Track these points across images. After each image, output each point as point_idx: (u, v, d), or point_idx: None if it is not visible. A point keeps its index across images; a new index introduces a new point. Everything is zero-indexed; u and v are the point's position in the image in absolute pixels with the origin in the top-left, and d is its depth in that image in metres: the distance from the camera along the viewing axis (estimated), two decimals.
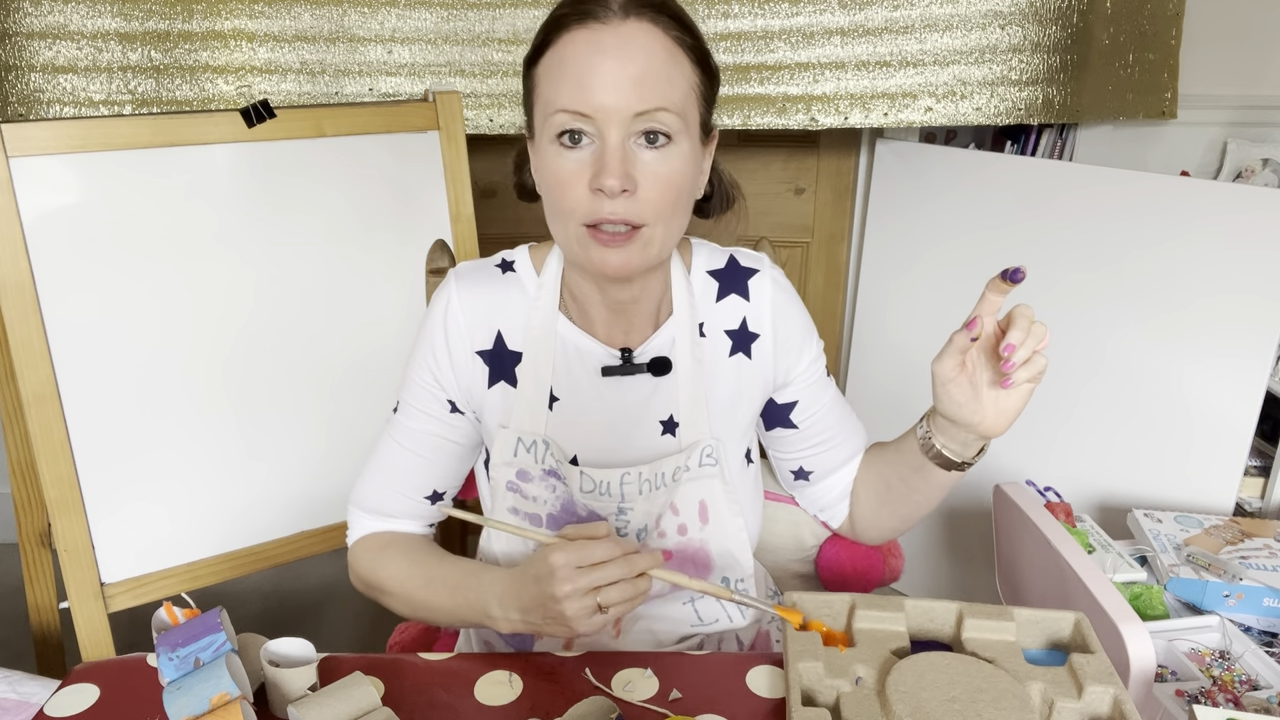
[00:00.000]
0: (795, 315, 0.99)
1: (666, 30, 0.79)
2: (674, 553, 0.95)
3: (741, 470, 0.98)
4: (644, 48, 0.78)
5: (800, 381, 1.00)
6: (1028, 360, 0.79)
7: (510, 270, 0.95)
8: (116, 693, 0.81)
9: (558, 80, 0.79)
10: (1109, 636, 1.15)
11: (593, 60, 0.77)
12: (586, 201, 0.80)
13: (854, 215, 2.28)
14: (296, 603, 2.17)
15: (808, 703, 0.76)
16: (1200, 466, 1.66)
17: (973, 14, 1.71)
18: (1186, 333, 1.65)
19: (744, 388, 0.97)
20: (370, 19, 1.72)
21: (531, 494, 0.92)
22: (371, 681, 0.79)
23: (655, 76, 0.78)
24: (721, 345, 0.96)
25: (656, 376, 0.93)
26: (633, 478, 0.91)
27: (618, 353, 0.93)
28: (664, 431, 0.94)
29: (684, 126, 0.81)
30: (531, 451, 0.92)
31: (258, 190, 1.39)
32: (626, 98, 0.77)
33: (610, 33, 0.77)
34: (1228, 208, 1.59)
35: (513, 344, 0.93)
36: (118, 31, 1.68)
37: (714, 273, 0.97)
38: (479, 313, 0.93)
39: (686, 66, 0.81)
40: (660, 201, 0.81)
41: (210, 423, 1.40)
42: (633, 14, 0.78)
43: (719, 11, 1.72)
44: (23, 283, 1.24)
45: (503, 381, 0.93)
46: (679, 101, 0.80)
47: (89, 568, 1.33)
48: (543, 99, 0.81)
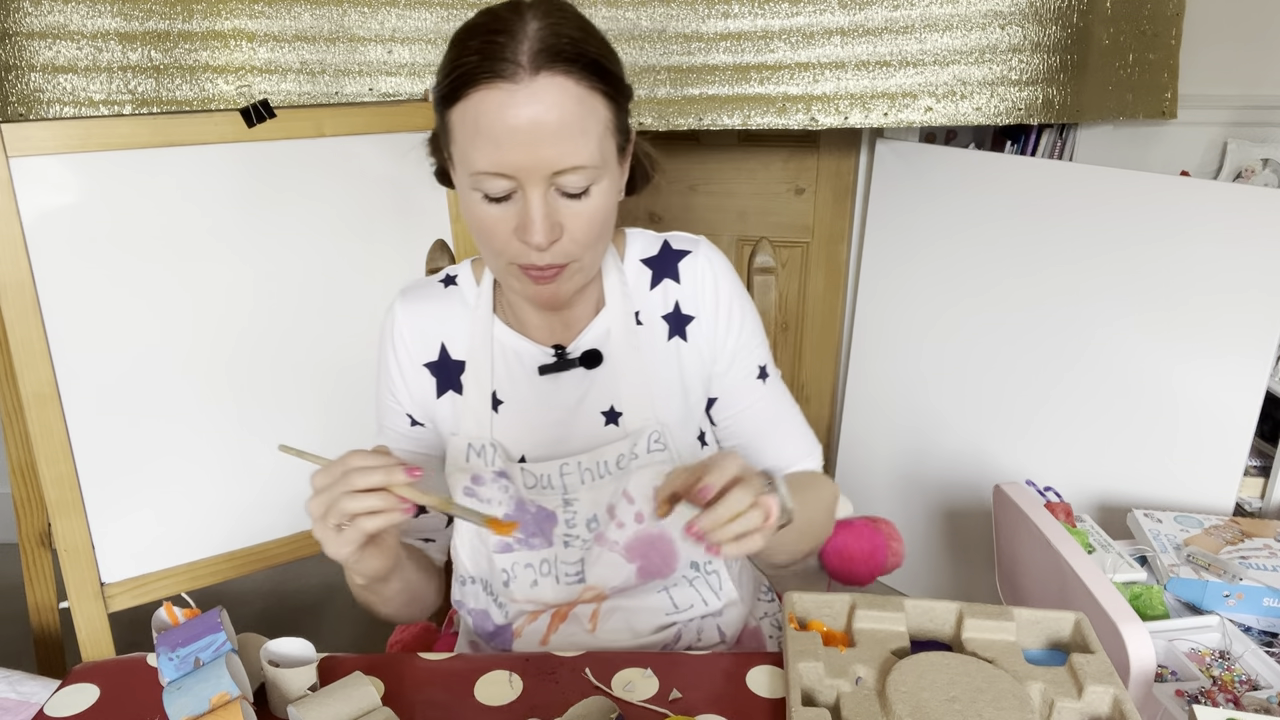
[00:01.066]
0: (725, 297, 0.96)
1: (579, 81, 0.77)
2: (635, 541, 0.95)
3: (695, 453, 0.98)
4: (556, 104, 0.76)
5: (725, 376, 0.99)
6: (736, 519, 0.72)
7: (453, 284, 0.98)
8: (116, 693, 0.81)
9: (472, 140, 0.77)
10: (1109, 636, 1.15)
11: (506, 124, 0.75)
12: (514, 246, 0.81)
13: (854, 215, 2.28)
14: (296, 603, 2.17)
15: (808, 703, 0.76)
16: (1200, 466, 1.66)
17: (973, 14, 1.71)
18: (1186, 333, 1.65)
19: (685, 371, 0.97)
20: (370, 19, 1.72)
21: (486, 496, 0.94)
22: (371, 681, 0.79)
23: (570, 131, 0.76)
24: (659, 330, 0.96)
25: (590, 369, 0.95)
26: (572, 468, 0.93)
27: (552, 350, 0.95)
28: (607, 422, 0.95)
29: (602, 166, 0.80)
30: (482, 455, 0.94)
31: (258, 190, 1.39)
32: (543, 157, 0.76)
33: (522, 93, 0.75)
34: (1228, 208, 1.59)
35: (456, 354, 0.96)
36: (118, 31, 1.68)
37: (647, 260, 0.97)
38: (422, 327, 0.97)
39: (599, 107, 0.79)
40: (586, 237, 0.82)
41: (210, 422, 1.40)
42: (543, 69, 0.75)
43: (719, 11, 1.72)
44: (23, 283, 1.24)
45: (450, 390, 0.97)
46: (595, 151, 0.78)
47: (89, 568, 1.32)
48: (459, 150, 0.80)
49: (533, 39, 0.76)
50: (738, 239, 2.40)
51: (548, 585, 0.95)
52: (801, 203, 2.34)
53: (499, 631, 0.98)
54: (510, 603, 0.96)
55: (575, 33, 0.78)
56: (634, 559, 0.94)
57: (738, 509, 0.72)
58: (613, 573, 0.94)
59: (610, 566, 0.94)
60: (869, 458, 2.23)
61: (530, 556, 0.95)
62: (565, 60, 0.76)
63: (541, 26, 0.76)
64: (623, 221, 0.94)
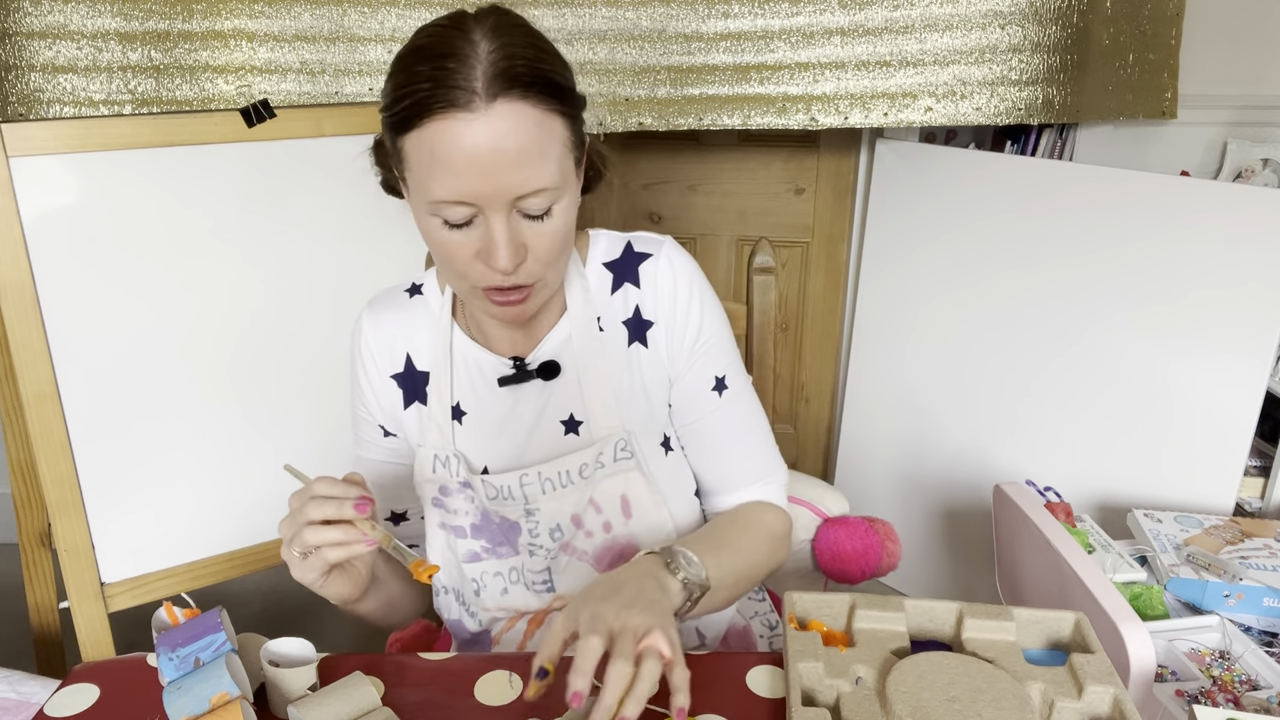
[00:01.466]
0: (684, 301, 0.93)
1: (535, 104, 0.74)
2: (604, 550, 0.94)
3: (660, 460, 0.95)
4: (514, 130, 0.73)
5: (679, 383, 0.96)
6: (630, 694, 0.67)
7: (419, 293, 0.97)
8: (116, 693, 0.81)
9: (430, 169, 0.75)
10: (1109, 636, 1.15)
11: (464, 154, 0.73)
12: (477, 270, 0.79)
13: (854, 215, 2.28)
14: (296, 603, 2.17)
15: (808, 703, 0.76)
16: (1200, 466, 1.66)
17: (973, 14, 1.71)
18: (1186, 333, 1.65)
19: (647, 377, 0.95)
20: (370, 19, 1.72)
21: (453, 507, 0.94)
22: (371, 681, 0.79)
23: (530, 157, 0.75)
24: (619, 336, 0.94)
25: (547, 380, 0.93)
26: (532, 478, 0.92)
27: (510, 361, 0.93)
28: (566, 431, 0.94)
29: (562, 185, 0.78)
30: (447, 466, 0.94)
31: (258, 190, 1.39)
32: (505, 185, 0.75)
33: (479, 121, 0.72)
34: (1228, 208, 1.59)
35: (421, 364, 0.96)
36: (118, 31, 1.68)
37: (609, 264, 0.95)
38: (387, 338, 0.96)
39: (557, 127, 0.77)
40: (549, 256, 0.81)
41: (210, 422, 1.40)
42: (500, 95, 0.73)
43: (719, 11, 1.72)
44: (23, 283, 1.24)
45: (416, 402, 0.96)
46: (555, 173, 0.77)
47: (89, 568, 1.32)
48: (415, 178, 0.77)
49: (485, 63, 0.73)
50: (738, 239, 2.40)
51: (518, 593, 0.95)
52: (801, 203, 2.34)
53: (476, 639, 0.98)
54: (482, 611, 0.96)
55: (528, 52, 0.75)
56: (602, 568, 0.94)
57: (620, 690, 0.66)
58: (581, 581, 0.94)
59: (579, 575, 0.94)
60: (869, 458, 2.23)
61: (499, 565, 0.94)
62: (522, 85, 0.73)
63: (493, 49, 0.73)
64: (625, 223, 0.94)
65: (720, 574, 0.85)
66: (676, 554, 0.81)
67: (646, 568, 0.79)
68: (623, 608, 0.71)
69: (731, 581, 0.88)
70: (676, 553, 0.81)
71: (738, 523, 0.95)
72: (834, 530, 1.15)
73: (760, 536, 0.95)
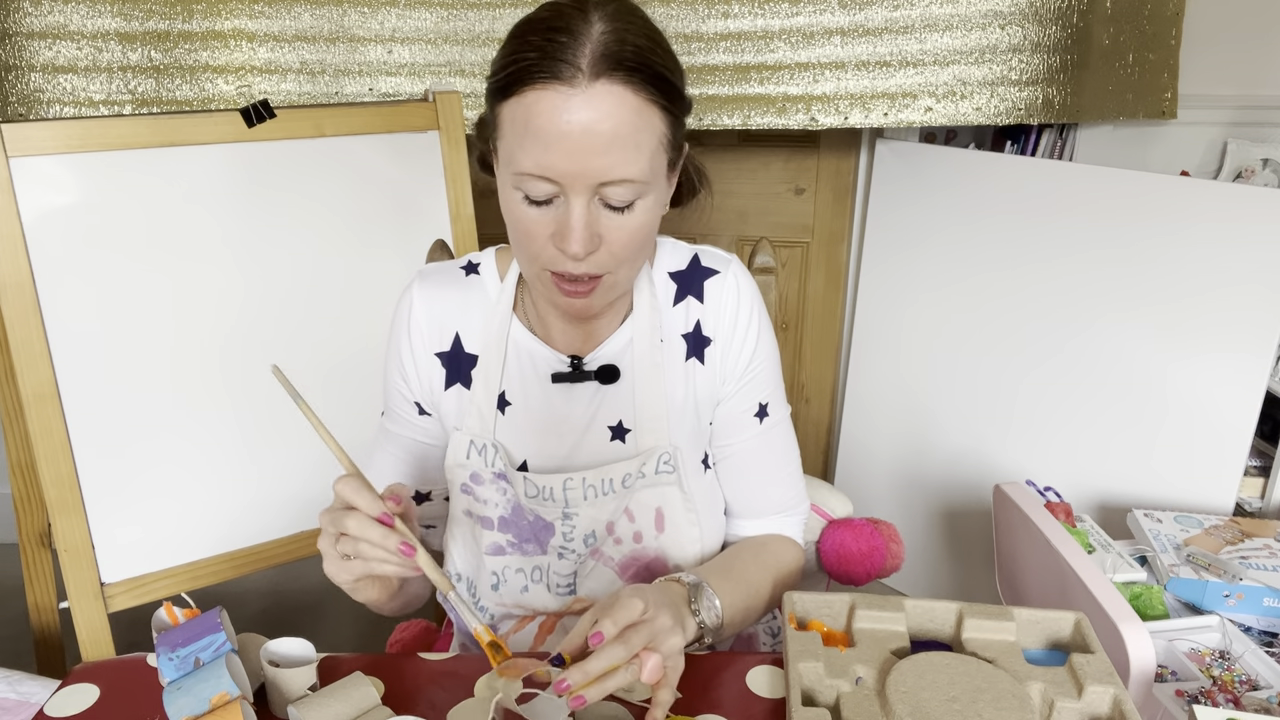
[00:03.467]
0: (744, 323, 0.94)
1: (637, 91, 0.74)
2: (630, 559, 0.93)
3: (699, 477, 0.95)
4: (611, 114, 0.73)
5: (725, 404, 0.95)
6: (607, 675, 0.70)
7: (474, 273, 0.95)
8: (116, 693, 0.81)
9: (521, 139, 0.75)
10: (1109, 636, 1.15)
11: (557, 128, 0.73)
12: (549, 251, 0.79)
13: (854, 215, 2.28)
14: (296, 603, 2.17)
15: (808, 703, 0.76)
16: (1200, 466, 1.66)
17: (973, 14, 1.71)
18: (1186, 333, 1.65)
19: (699, 394, 0.94)
20: (370, 19, 1.73)
21: (483, 496, 0.92)
22: (371, 681, 0.79)
23: (622, 144, 0.74)
24: (678, 349, 0.93)
25: (604, 385, 0.92)
26: (576, 483, 0.90)
27: (568, 359, 0.92)
28: (614, 437, 0.93)
29: (650, 180, 0.77)
30: (483, 454, 0.92)
31: (257, 190, 1.39)
32: (591, 168, 0.74)
33: (578, 98, 0.72)
34: (1228, 208, 1.59)
35: (470, 347, 0.93)
36: (118, 31, 1.68)
37: (674, 274, 0.95)
38: (438, 314, 0.93)
39: (655, 120, 0.76)
40: (625, 252, 0.80)
41: (211, 422, 1.40)
42: (603, 75, 0.72)
43: (719, 11, 1.72)
44: (23, 283, 1.24)
45: (458, 384, 0.94)
46: (645, 167, 0.76)
47: (89, 568, 1.32)
48: (506, 146, 0.77)
49: (595, 43, 0.73)
50: (738, 239, 2.40)
51: (539, 592, 0.94)
52: (801, 203, 2.34)
53: None
54: (495, 606, 0.95)
55: (641, 40, 0.75)
56: (626, 576, 0.93)
57: (605, 666, 0.70)
58: (605, 587, 0.93)
59: (603, 581, 0.93)
60: (869, 458, 2.23)
61: (523, 562, 0.93)
62: (626, 69, 0.73)
63: (606, 30, 0.73)
64: None
65: (730, 615, 0.86)
66: (702, 593, 0.82)
67: (672, 598, 0.80)
68: (663, 609, 0.75)
69: (739, 620, 0.89)
70: (702, 592, 0.82)
71: (758, 561, 0.95)
72: (839, 532, 1.15)
73: (777, 582, 0.96)
